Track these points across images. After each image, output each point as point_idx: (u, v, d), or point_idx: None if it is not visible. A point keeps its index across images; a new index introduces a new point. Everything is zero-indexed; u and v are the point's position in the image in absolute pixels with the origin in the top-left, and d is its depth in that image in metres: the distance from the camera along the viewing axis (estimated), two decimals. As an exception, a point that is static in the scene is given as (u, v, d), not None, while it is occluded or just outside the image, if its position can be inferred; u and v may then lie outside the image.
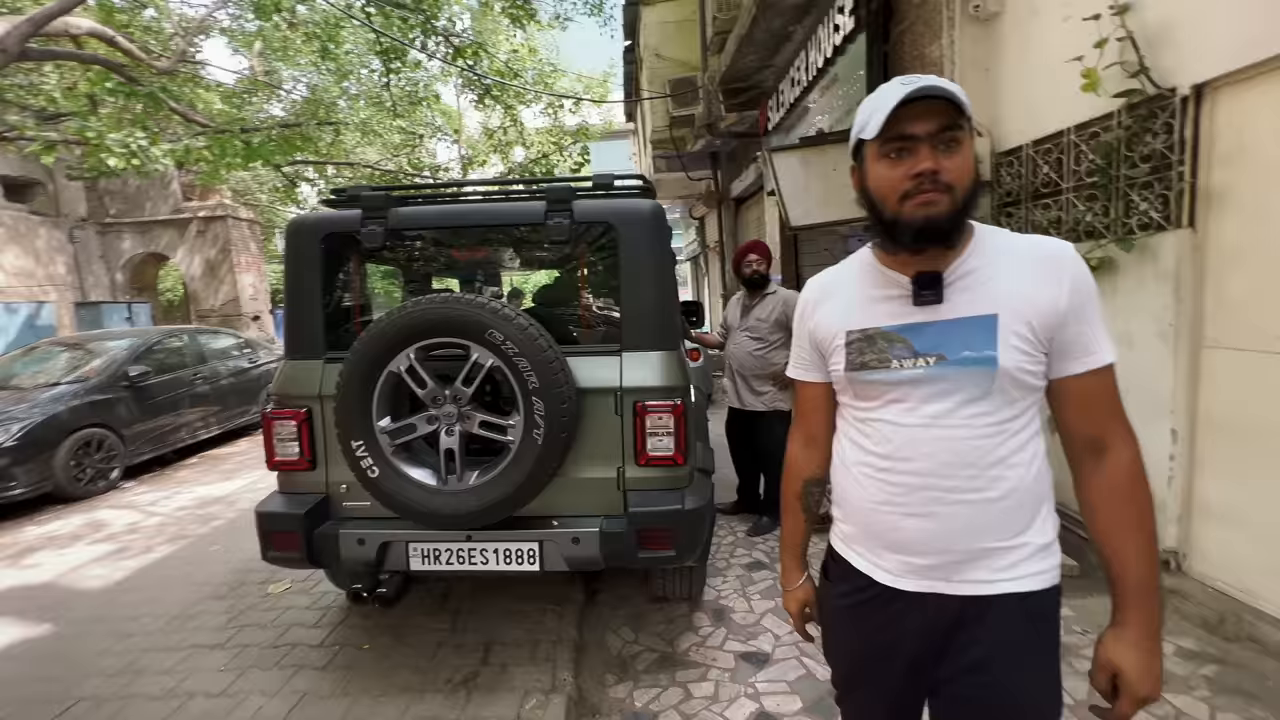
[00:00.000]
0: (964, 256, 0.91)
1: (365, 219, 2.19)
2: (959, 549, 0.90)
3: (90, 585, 3.27)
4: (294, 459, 2.19)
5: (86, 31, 7.85)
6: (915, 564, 0.94)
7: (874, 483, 0.96)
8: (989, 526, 0.89)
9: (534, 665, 2.28)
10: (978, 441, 0.88)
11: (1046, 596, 0.91)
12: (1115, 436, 0.90)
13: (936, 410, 0.90)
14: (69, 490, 4.80)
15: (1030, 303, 0.86)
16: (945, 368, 0.89)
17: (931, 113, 0.83)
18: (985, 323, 0.87)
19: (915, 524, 0.92)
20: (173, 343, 6.31)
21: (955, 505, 0.89)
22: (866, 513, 0.98)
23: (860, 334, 0.96)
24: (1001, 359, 0.86)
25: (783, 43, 5.49)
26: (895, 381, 0.92)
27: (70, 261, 12.14)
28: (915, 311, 0.92)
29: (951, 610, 0.92)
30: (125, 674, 2.37)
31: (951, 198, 0.85)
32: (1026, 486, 0.89)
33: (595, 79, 18.61)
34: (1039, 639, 0.91)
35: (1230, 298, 2.21)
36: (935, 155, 0.84)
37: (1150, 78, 2.33)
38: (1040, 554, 0.91)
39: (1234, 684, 1.94)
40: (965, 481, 0.89)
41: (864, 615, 1.01)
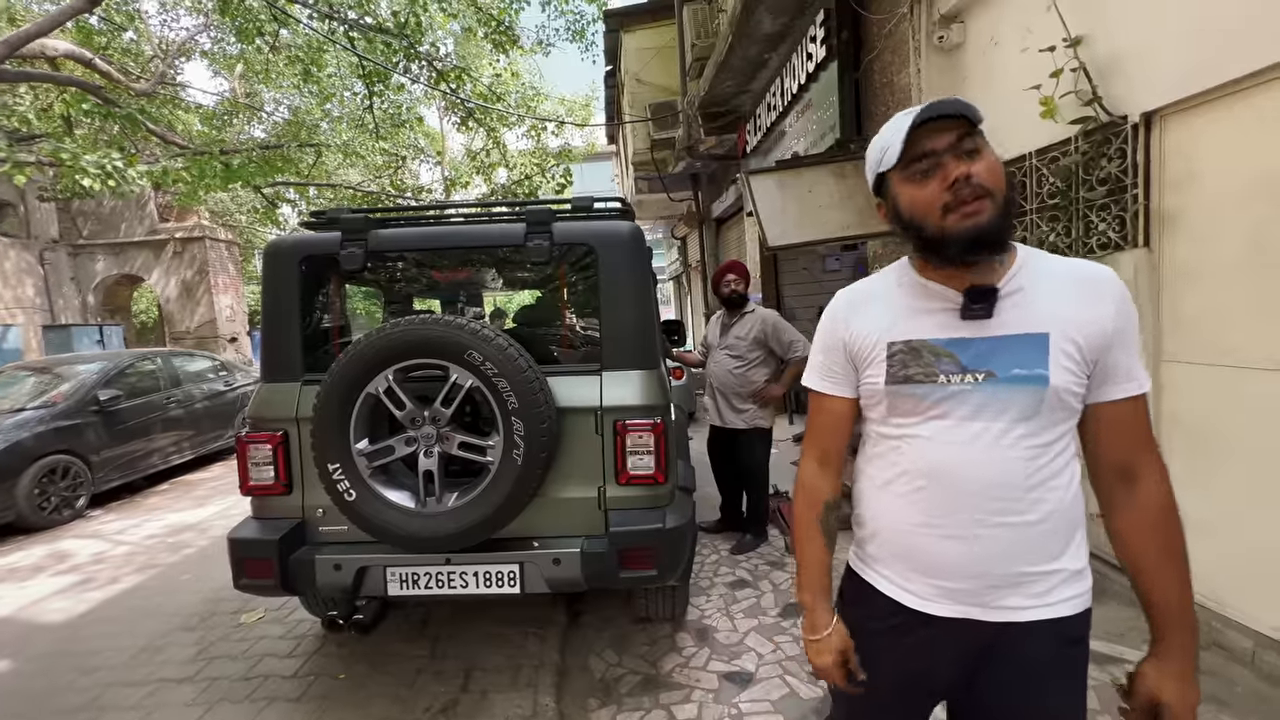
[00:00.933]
0: (1013, 272, 0.88)
1: (345, 241, 2.19)
2: (996, 573, 0.88)
3: (52, 619, 3.14)
4: (269, 483, 2.15)
5: (64, 53, 7.80)
6: (947, 588, 0.91)
7: (907, 503, 0.93)
8: (1027, 551, 0.88)
9: (515, 691, 2.24)
10: (1023, 463, 0.86)
11: (1079, 621, 0.91)
12: (1147, 466, 0.89)
13: (982, 428, 0.87)
14: (32, 520, 4.62)
15: (1078, 324, 0.85)
16: (995, 385, 0.86)
17: (944, 128, 0.84)
18: (1037, 341, 0.85)
19: (953, 547, 0.89)
20: (145, 366, 6.17)
21: (997, 528, 0.87)
22: (900, 534, 0.95)
23: (904, 345, 0.92)
24: (1053, 378, 0.84)
25: (759, 69, 5.66)
26: (940, 397, 0.89)
27: (40, 284, 11.87)
28: (962, 326, 0.89)
29: (985, 636, 0.91)
30: (88, 710, 2.28)
31: (993, 202, 0.83)
32: (1064, 510, 0.88)
33: (578, 102, 18.92)
34: (1070, 663, 0.91)
35: (1185, 314, 2.31)
36: (962, 163, 0.83)
37: (1103, 106, 2.45)
38: (1074, 579, 0.90)
39: (1211, 692, 1.98)
40: (1009, 504, 0.86)
41: (888, 642, 0.98)
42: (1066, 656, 0.91)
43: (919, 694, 1.00)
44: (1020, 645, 0.90)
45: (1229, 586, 2.22)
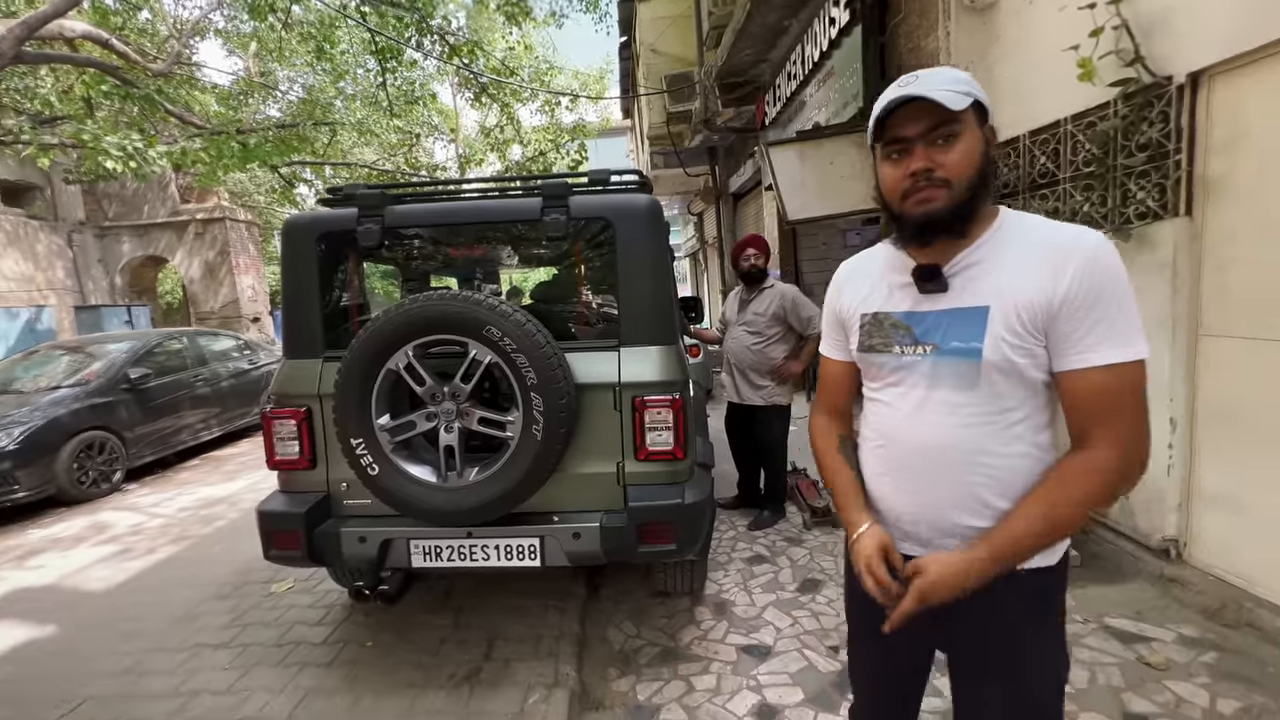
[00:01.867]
0: (973, 247, 0.91)
1: (361, 218, 2.18)
2: (945, 524, 0.95)
3: (94, 587, 3.28)
4: (294, 458, 2.20)
5: (81, 34, 7.83)
6: (908, 531, 1.00)
7: (873, 457, 1.03)
8: (974, 509, 0.93)
9: (537, 660, 2.29)
10: (962, 431, 0.91)
11: (1039, 575, 0.94)
12: (1101, 439, 0.84)
13: (925, 396, 0.94)
14: (72, 493, 4.81)
15: (1022, 295, 0.86)
16: (938, 357, 0.92)
17: (922, 112, 0.86)
18: (976, 314, 0.89)
19: (905, 499, 0.98)
20: (172, 345, 6.31)
21: (939, 489, 0.94)
22: (871, 482, 1.05)
23: (872, 317, 1.01)
24: (986, 351, 0.87)
25: (779, 36, 5.48)
26: (895, 367, 0.97)
27: (69, 265, 12.14)
28: (922, 300, 0.95)
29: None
30: (130, 674, 2.39)
31: (949, 192, 0.87)
32: (1014, 477, 0.90)
33: (592, 75, 18.58)
34: (1038, 616, 0.96)
35: (1227, 285, 2.21)
36: (929, 153, 0.87)
37: (1146, 66, 2.32)
38: None
39: (1234, 670, 1.95)
40: (945, 469, 0.93)
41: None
42: (1027, 607, 0.95)
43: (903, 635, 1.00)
44: (982, 597, 0.92)
45: (1261, 567, 2.17)
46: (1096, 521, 2.77)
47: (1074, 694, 1.90)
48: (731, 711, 2.00)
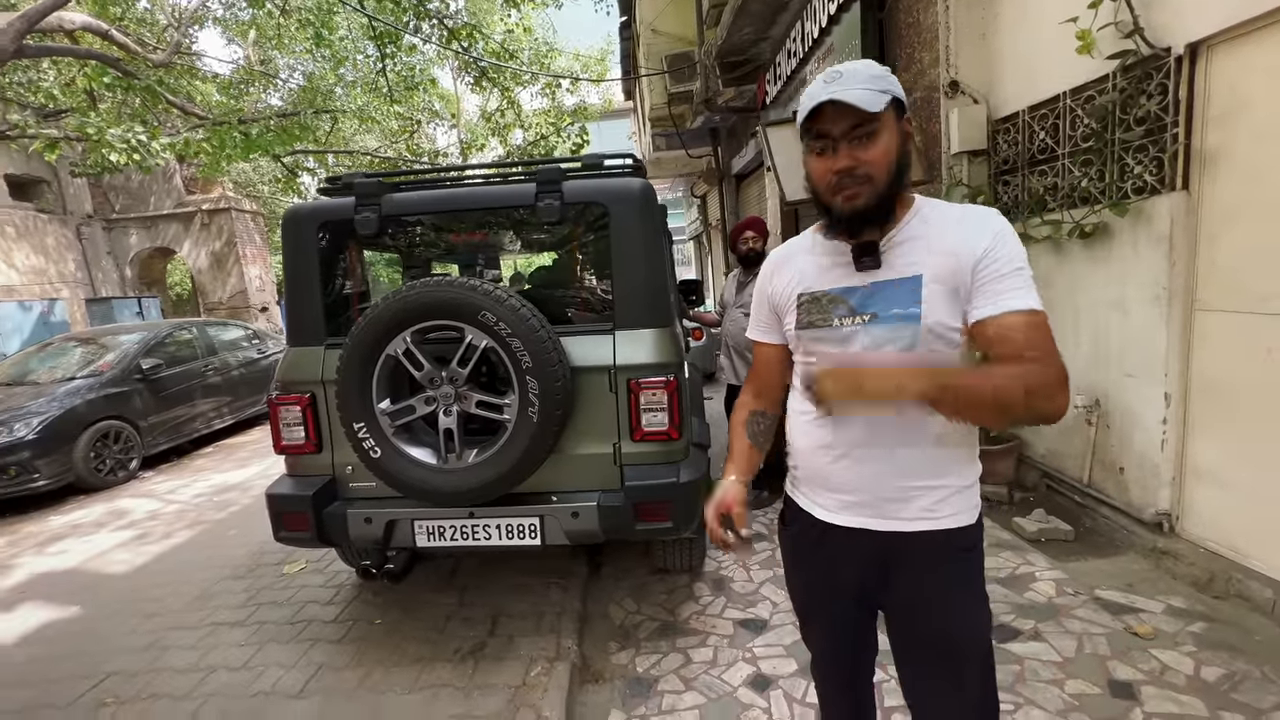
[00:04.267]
0: (900, 225, 0.99)
1: (359, 206, 2.22)
2: (883, 488, 1.01)
3: (115, 570, 3.40)
4: (300, 443, 2.26)
5: (80, 26, 7.83)
6: (847, 501, 1.05)
7: (813, 429, 1.08)
8: (912, 469, 1.00)
9: (539, 635, 2.36)
10: None
11: (966, 532, 1.02)
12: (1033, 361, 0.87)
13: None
14: (90, 481, 4.94)
15: (951, 258, 0.95)
16: (878, 325, 0.98)
17: (844, 113, 0.90)
18: (912, 283, 0.96)
19: (843, 465, 1.04)
20: (182, 335, 6.41)
21: (878, 449, 1.00)
22: (806, 456, 1.10)
23: (809, 296, 1.06)
24: (925, 316, 0.95)
25: (779, 13, 5.40)
26: (836, 339, 1.02)
27: (79, 258, 12.28)
28: (856, 276, 1.01)
29: (881, 544, 1.04)
30: (152, 650, 2.49)
31: (872, 187, 0.93)
32: (946, 434, 0.98)
33: (593, 57, 18.33)
34: (960, 569, 1.03)
35: (1223, 260, 2.21)
36: (852, 151, 0.92)
37: (1144, 37, 2.29)
38: (961, 494, 1.02)
39: (1220, 639, 1.99)
40: (888, 430, 0.99)
41: (809, 550, 1.14)
42: (956, 563, 1.02)
43: (843, 600, 1.13)
44: (912, 554, 1.02)
45: (1252, 539, 2.19)
46: (1091, 496, 2.80)
47: (1060, 663, 1.95)
48: (727, 682, 2.06)
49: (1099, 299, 2.68)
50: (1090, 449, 2.79)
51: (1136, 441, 2.56)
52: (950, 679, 1.03)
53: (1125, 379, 2.58)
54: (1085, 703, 1.79)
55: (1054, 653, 2.00)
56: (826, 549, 1.09)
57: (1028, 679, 1.90)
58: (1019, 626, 2.16)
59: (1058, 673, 1.91)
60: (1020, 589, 2.38)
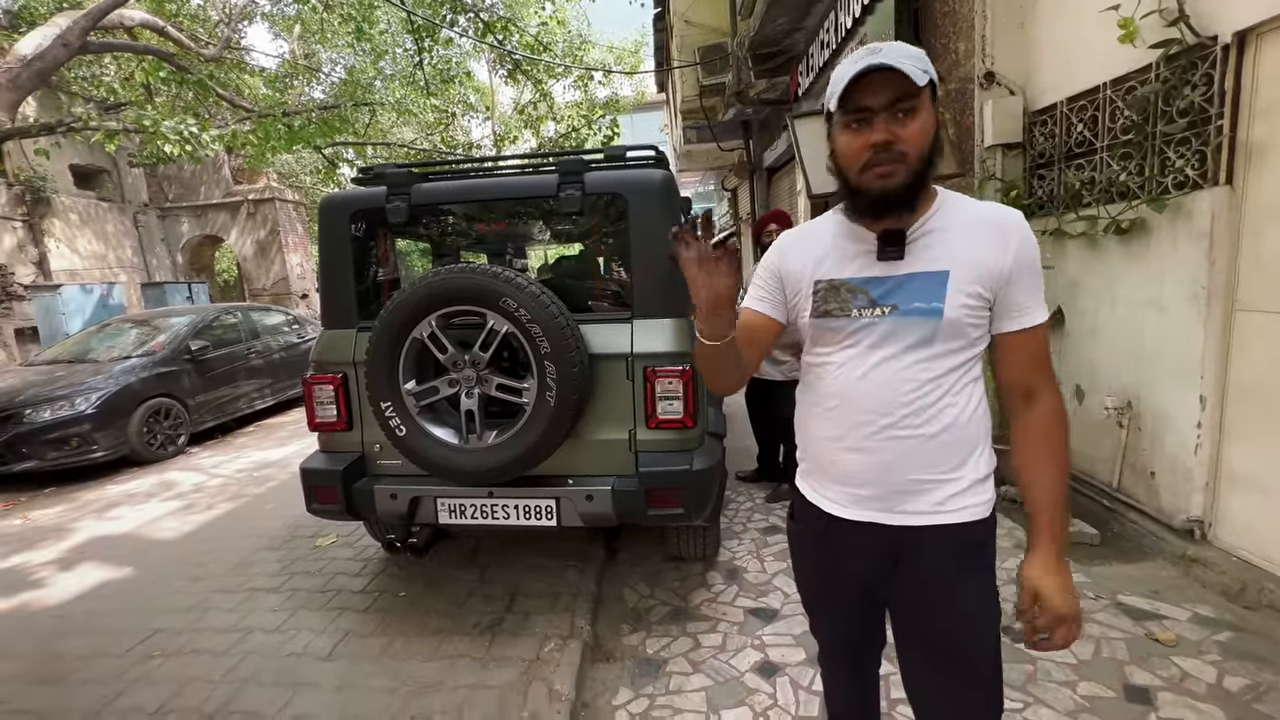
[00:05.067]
0: (926, 217, 0.97)
1: (390, 195, 2.31)
2: (895, 480, 0.99)
3: (164, 536, 3.62)
4: (332, 420, 2.38)
5: (139, 23, 8.24)
6: (857, 494, 1.03)
7: (824, 421, 1.05)
8: (924, 461, 0.97)
9: (554, 614, 2.43)
10: (917, 383, 0.96)
11: (979, 526, 1.00)
12: (1043, 385, 0.99)
13: (883, 354, 0.98)
14: (143, 454, 5.25)
15: (980, 263, 0.94)
16: (898, 317, 0.97)
17: (886, 84, 0.88)
18: (938, 278, 0.95)
19: (855, 458, 1.01)
20: (228, 319, 6.72)
21: (892, 440, 0.98)
22: (815, 447, 1.08)
23: (826, 284, 1.02)
24: (947, 311, 0.94)
25: (813, 3, 5.32)
26: (853, 329, 1.00)
27: (136, 244, 12.94)
28: (878, 266, 0.99)
29: (891, 538, 1.01)
30: (195, 610, 2.66)
31: (906, 167, 0.90)
32: (962, 425, 0.97)
33: (626, 49, 18.31)
34: (972, 564, 1.01)
35: (1268, 258, 2.12)
36: (890, 125, 0.89)
37: (1190, 25, 2.21)
38: (974, 488, 0.99)
39: (1246, 649, 1.93)
40: (903, 419, 0.97)
41: (817, 544, 1.12)
42: (967, 559, 1.00)
43: (850, 594, 1.12)
44: (923, 548, 1.00)
45: (1289, 548, 2.11)
46: (1120, 500, 2.72)
47: (1075, 665, 1.92)
48: (734, 667, 2.10)
49: (1134, 297, 2.59)
50: (1120, 452, 2.71)
51: (1169, 445, 2.48)
52: (956, 678, 1.01)
53: (1159, 380, 2.50)
54: (1097, 705, 1.76)
55: (1069, 654, 1.97)
56: (833, 542, 1.08)
57: (1039, 679, 1.88)
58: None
59: (1071, 674, 1.89)
60: (1039, 590, 2.34)
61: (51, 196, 10.38)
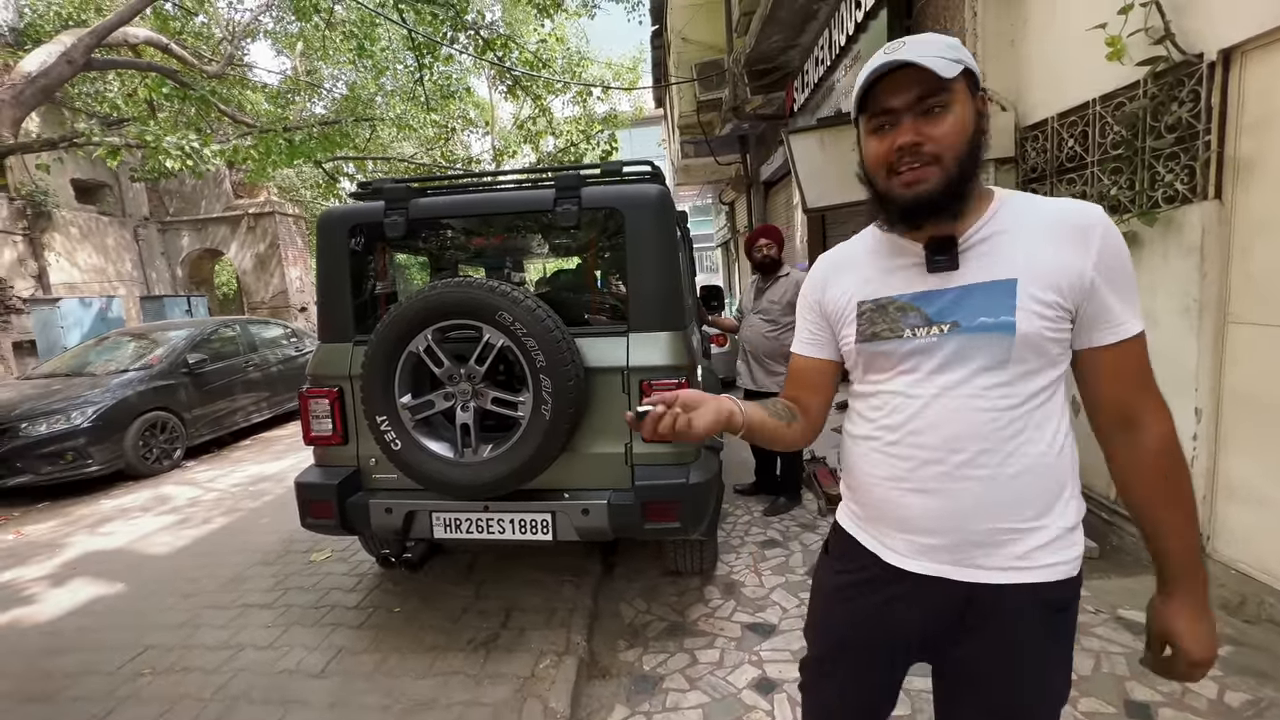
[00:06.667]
0: (982, 221, 0.86)
1: (388, 210, 2.32)
2: (970, 529, 0.85)
3: (157, 551, 3.59)
4: (328, 434, 2.37)
5: (144, 40, 8.34)
6: (923, 544, 0.88)
7: (881, 457, 0.91)
8: (1004, 507, 0.83)
9: (550, 630, 2.41)
10: (993, 413, 0.83)
11: (1065, 586, 0.86)
12: (1147, 410, 0.84)
13: (949, 380, 0.85)
14: (138, 468, 5.22)
15: (1055, 268, 0.81)
16: (959, 335, 0.84)
17: (910, 81, 0.79)
18: (1004, 287, 0.82)
19: (921, 501, 0.87)
20: (226, 332, 6.72)
21: (966, 481, 0.84)
22: (872, 489, 0.93)
23: (872, 304, 0.92)
24: (1020, 324, 0.81)
25: (808, 21, 5.40)
26: (907, 352, 0.88)
27: (136, 258, 12.97)
28: (929, 279, 0.87)
29: (960, 596, 0.87)
30: (187, 627, 2.63)
31: (941, 168, 0.81)
32: (1048, 465, 0.84)
33: (624, 65, 18.56)
34: (1053, 632, 0.87)
35: (1258, 271, 2.13)
36: (918, 125, 0.81)
37: (1175, 43, 2.24)
38: (1060, 541, 0.85)
39: (1247, 664, 1.91)
40: (977, 456, 0.83)
41: (860, 594, 0.96)
42: (1049, 625, 0.86)
43: (889, 651, 0.97)
44: (998, 609, 0.86)
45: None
46: (1119, 513, 2.71)
47: (1075, 680, 1.90)
48: (732, 684, 2.08)
49: (1128, 310, 2.60)
50: (1117, 464, 2.70)
51: (1165, 457, 2.47)
52: None
53: (1154, 393, 2.50)
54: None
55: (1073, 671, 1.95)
56: (886, 595, 0.93)
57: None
58: (1034, 642, 2.11)
59: (1071, 690, 1.86)
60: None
61: (52, 210, 10.43)
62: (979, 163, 0.84)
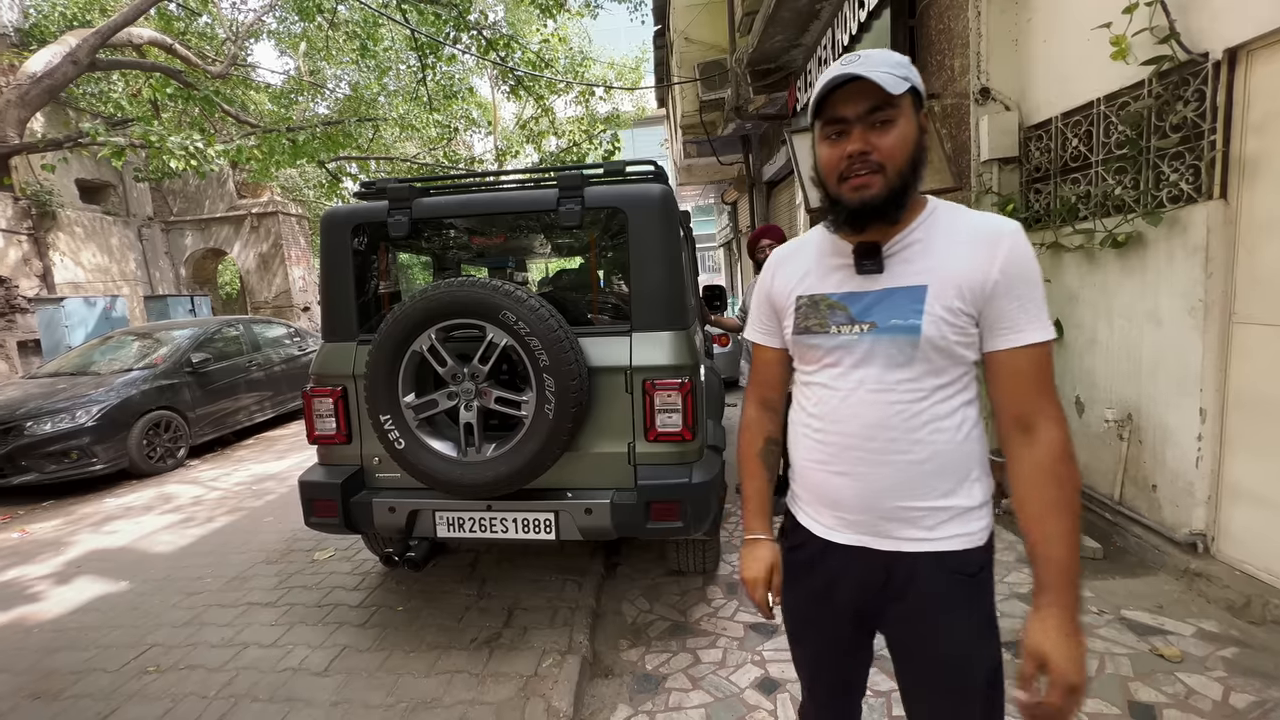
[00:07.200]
0: (908, 230, 0.94)
1: (392, 210, 2.33)
2: (885, 507, 0.95)
3: (161, 550, 3.61)
4: (331, 433, 2.38)
5: (148, 40, 8.37)
6: (847, 519, 0.99)
7: (812, 443, 1.01)
8: (913, 487, 0.93)
9: (553, 629, 2.41)
10: (902, 405, 0.92)
11: (971, 556, 0.94)
12: (1044, 416, 0.89)
13: (865, 374, 0.94)
14: (142, 467, 5.24)
15: (961, 276, 0.89)
16: (875, 334, 0.93)
17: (862, 94, 0.86)
18: (916, 293, 0.91)
19: (842, 482, 0.98)
20: (229, 332, 6.74)
21: (881, 466, 0.94)
22: (806, 471, 1.04)
23: (807, 299, 1.00)
24: (925, 328, 0.89)
25: (810, 21, 5.40)
26: (831, 346, 0.97)
27: (140, 258, 13.00)
28: (858, 280, 0.96)
29: (881, 564, 0.97)
30: (191, 625, 2.64)
31: (884, 178, 0.88)
32: (951, 451, 0.92)
33: (627, 65, 18.55)
34: (967, 597, 0.95)
35: (1263, 271, 2.13)
36: (866, 136, 0.88)
37: (1181, 43, 2.24)
38: (965, 516, 0.94)
39: (1252, 666, 1.90)
40: (888, 444, 0.93)
41: (807, 568, 1.06)
42: (960, 589, 0.95)
43: (840, 623, 1.06)
44: (915, 576, 0.95)
45: (1293, 562, 2.09)
46: (1122, 514, 2.71)
47: (1079, 681, 1.90)
48: (734, 683, 2.08)
49: (1132, 310, 2.60)
50: (1121, 465, 2.70)
51: (1170, 458, 2.47)
52: (950, 711, 0.97)
53: (1159, 393, 2.50)
54: (1102, 722, 1.74)
55: (1073, 670, 1.94)
56: (826, 566, 1.03)
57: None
58: (1037, 643, 2.10)
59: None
60: (1041, 605, 2.32)
61: (57, 210, 10.47)
62: (919, 174, 0.92)
